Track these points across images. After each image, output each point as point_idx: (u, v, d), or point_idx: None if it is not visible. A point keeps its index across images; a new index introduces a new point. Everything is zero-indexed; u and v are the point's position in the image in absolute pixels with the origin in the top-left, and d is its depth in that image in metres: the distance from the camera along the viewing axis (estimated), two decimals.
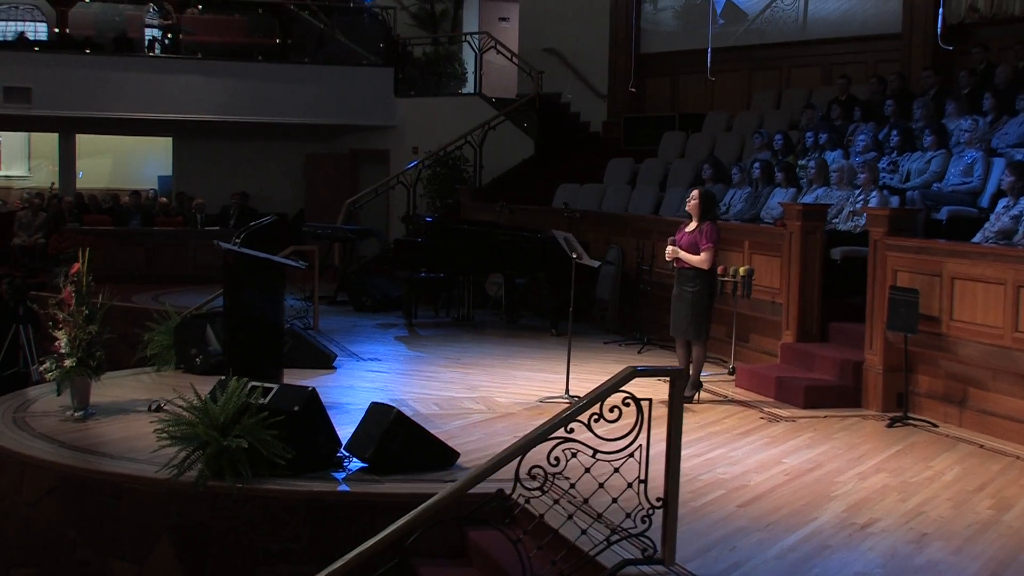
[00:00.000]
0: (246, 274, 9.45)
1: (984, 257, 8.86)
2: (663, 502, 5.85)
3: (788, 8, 18.52)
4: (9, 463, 8.20)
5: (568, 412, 5.78)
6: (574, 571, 5.82)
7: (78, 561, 7.72)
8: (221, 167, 22.71)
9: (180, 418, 7.52)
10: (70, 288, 9.27)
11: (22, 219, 20.22)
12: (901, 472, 7.92)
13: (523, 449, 5.75)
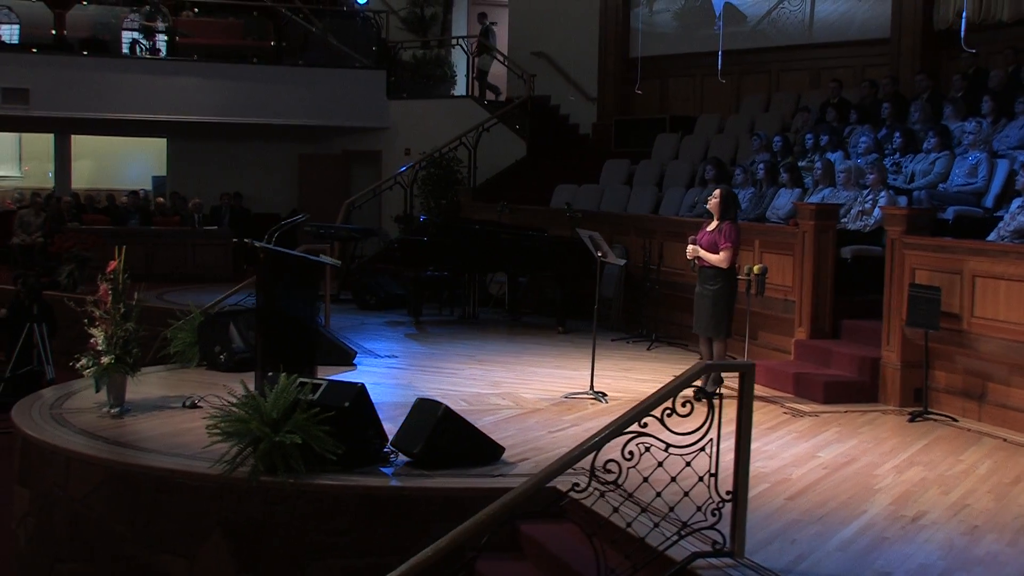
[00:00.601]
0: (281, 272, 9.30)
1: (1007, 255, 8.86)
2: (733, 495, 5.79)
3: (779, 14, 18.51)
4: (54, 459, 8.06)
5: (642, 407, 5.72)
6: (644, 564, 5.75)
7: (127, 556, 7.59)
8: (215, 167, 22.50)
9: (232, 414, 7.40)
10: (106, 286, 9.09)
11: (23, 218, 19.98)
12: (934, 466, 7.90)
13: (599, 444, 5.68)
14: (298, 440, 7.13)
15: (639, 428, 5.72)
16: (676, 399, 5.77)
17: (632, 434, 5.71)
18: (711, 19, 19.30)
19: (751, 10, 18.82)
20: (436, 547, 5.66)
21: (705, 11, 19.56)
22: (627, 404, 9.58)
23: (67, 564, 7.95)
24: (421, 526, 7.20)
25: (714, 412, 5.77)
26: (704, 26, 19.54)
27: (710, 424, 5.76)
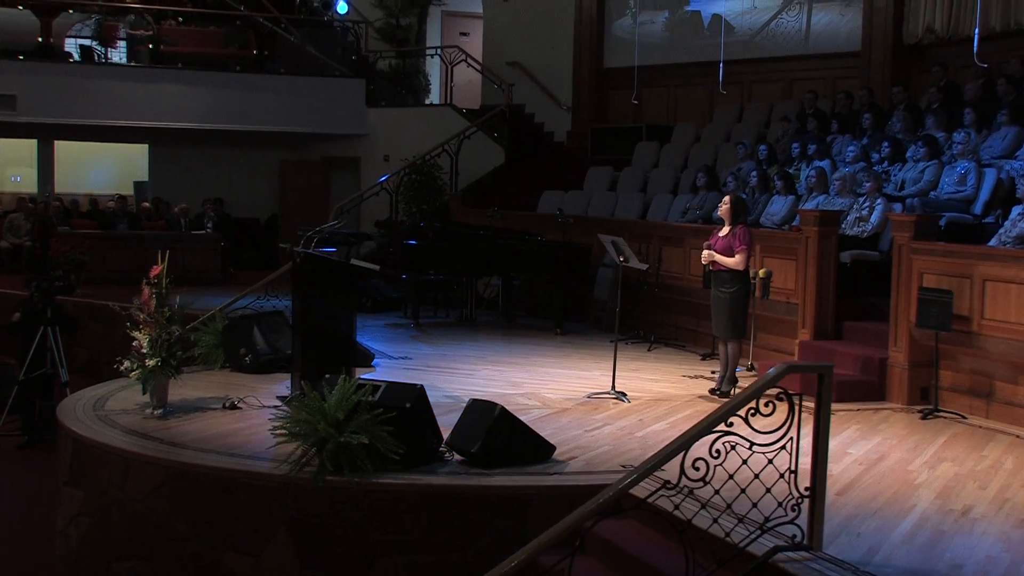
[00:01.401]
0: (320, 277, 9.26)
1: (1019, 260, 9.01)
2: (811, 491, 5.85)
3: (754, 26, 18.69)
4: (110, 459, 7.99)
5: (729, 407, 5.75)
6: (728, 560, 5.79)
7: (191, 554, 7.54)
8: (196, 173, 22.33)
9: (296, 416, 7.36)
10: (148, 290, 9.01)
11: (12, 222, 19.73)
12: (961, 461, 8.01)
13: (687, 443, 5.70)
14: (364, 440, 7.12)
15: (725, 427, 5.75)
16: (760, 400, 5.78)
17: (719, 433, 5.73)
18: (685, 32, 19.43)
19: (725, 23, 18.93)
20: (539, 541, 5.59)
21: (680, 25, 19.68)
22: (648, 404, 9.74)
23: (125, 563, 7.88)
24: (482, 523, 7.22)
25: (795, 412, 5.80)
26: (678, 39, 19.66)
27: (791, 423, 5.79)
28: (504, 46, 22.54)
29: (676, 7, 19.68)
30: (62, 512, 8.66)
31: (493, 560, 7.02)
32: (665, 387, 10.74)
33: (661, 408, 9.72)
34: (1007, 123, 12.46)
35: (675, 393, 10.42)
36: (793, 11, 18.10)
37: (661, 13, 20.07)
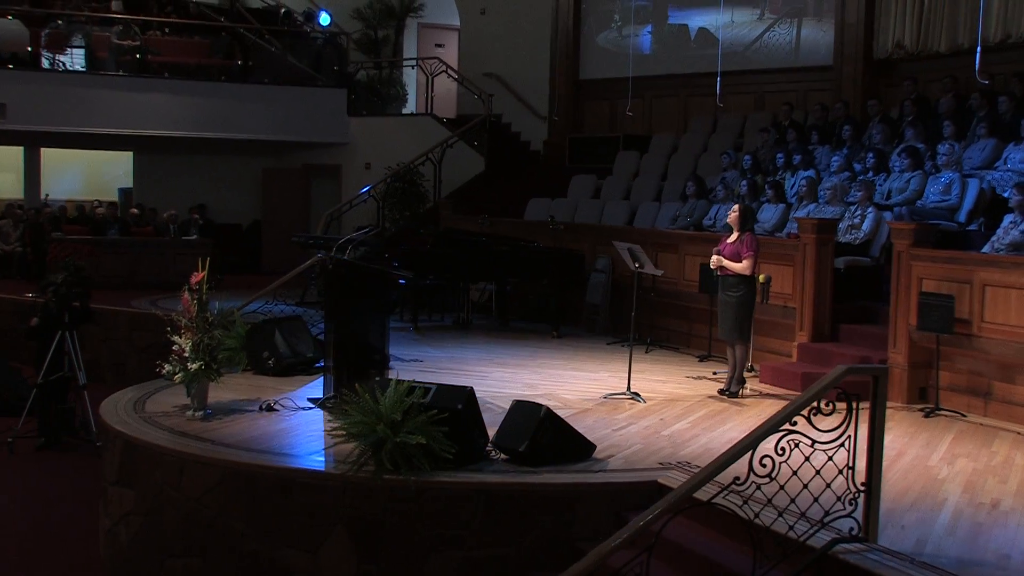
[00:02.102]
0: (352, 283, 9.34)
1: (1019, 267, 9.28)
2: (867, 486, 6.05)
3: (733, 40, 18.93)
4: (164, 460, 8.02)
5: (793, 407, 5.94)
6: (792, 552, 5.95)
7: (248, 551, 7.59)
8: (180, 180, 22.23)
9: (354, 417, 7.45)
10: (188, 296, 9.05)
11: (1, 228, 19.57)
12: (975, 457, 8.26)
13: (755, 441, 5.87)
14: (422, 440, 7.22)
15: (790, 426, 5.92)
16: (821, 400, 5.96)
17: (784, 431, 5.90)
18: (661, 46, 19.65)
19: (709, 36, 19.15)
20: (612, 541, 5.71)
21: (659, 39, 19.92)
22: (663, 404, 9.93)
23: (179, 559, 7.92)
24: (532, 518, 7.35)
25: (853, 412, 5.99)
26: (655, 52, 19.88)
27: (849, 422, 5.98)
28: (480, 57, 22.69)
29: (659, 21, 19.87)
30: (108, 511, 8.65)
31: (544, 554, 7.24)
32: (673, 388, 10.91)
33: (677, 408, 9.88)
34: (985, 135, 12.78)
35: (685, 394, 10.59)
36: (768, 26, 18.33)
37: (643, 27, 20.23)
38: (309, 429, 8.70)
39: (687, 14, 19.50)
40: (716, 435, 8.84)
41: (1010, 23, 14.85)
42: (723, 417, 9.56)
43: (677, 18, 19.61)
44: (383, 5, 23.74)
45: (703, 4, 19.20)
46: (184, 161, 22.37)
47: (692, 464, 7.81)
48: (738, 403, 10.19)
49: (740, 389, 10.45)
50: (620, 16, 20.54)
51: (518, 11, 22.12)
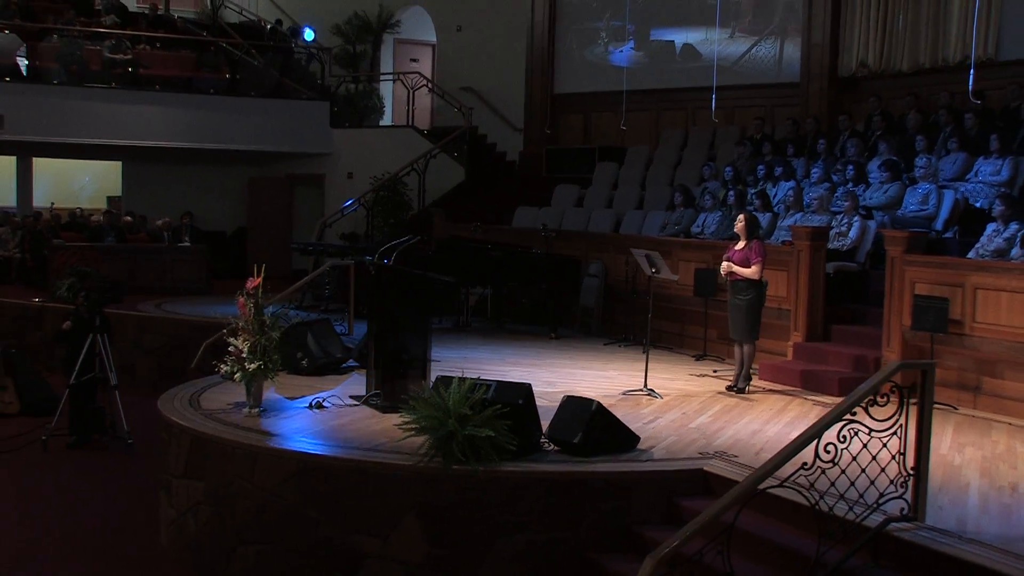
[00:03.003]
0: (395, 288, 9.62)
1: (1010, 271, 9.79)
2: (916, 470, 6.47)
3: (698, 56, 19.41)
4: (236, 454, 8.25)
5: (854, 399, 6.32)
6: (852, 530, 6.34)
7: (321, 537, 7.84)
8: (168, 189, 22.34)
9: (424, 412, 7.74)
10: (243, 300, 9.30)
11: (1, 235, 19.57)
12: (980, 445, 8.72)
13: (820, 430, 6.26)
14: (490, 433, 7.53)
15: (851, 416, 6.32)
16: (877, 392, 6.36)
17: (846, 421, 6.30)
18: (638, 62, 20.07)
19: (692, 52, 19.58)
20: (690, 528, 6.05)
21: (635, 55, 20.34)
22: (678, 399, 10.32)
23: (252, 546, 8.15)
24: (589, 504, 7.69)
25: (906, 403, 6.39)
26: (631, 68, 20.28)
27: (901, 413, 6.39)
28: (457, 72, 23.02)
29: (637, 39, 20.24)
30: (174, 502, 8.85)
31: (601, 537, 7.59)
32: (682, 385, 11.29)
33: (693, 403, 10.27)
34: (956, 149, 13.32)
35: (696, 390, 10.98)
36: (750, 45, 18.76)
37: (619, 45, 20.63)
38: (364, 424, 8.96)
39: (662, 32, 19.93)
40: (740, 427, 9.23)
41: (968, 44, 15.42)
42: (739, 411, 9.96)
43: (654, 36, 20.00)
44: (361, 21, 24.01)
45: (677, 23, 19.68)
46: (172, 170, 22.50)
47: (728, 453, 8.21)
48: (747, 398, 10.60)
49: (747, 385, 10.86)
50: (592, 35, 20.93)
51: (493, 28, 22.48)
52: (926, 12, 15.99)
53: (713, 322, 12.89)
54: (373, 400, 9.65)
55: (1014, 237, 10.52)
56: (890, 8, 16.56)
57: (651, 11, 20.04)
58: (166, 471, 9.10)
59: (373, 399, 9.66)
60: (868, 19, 16.88)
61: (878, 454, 6.44)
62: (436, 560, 7.62)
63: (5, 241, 19.52)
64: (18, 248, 19.49)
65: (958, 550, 6.08)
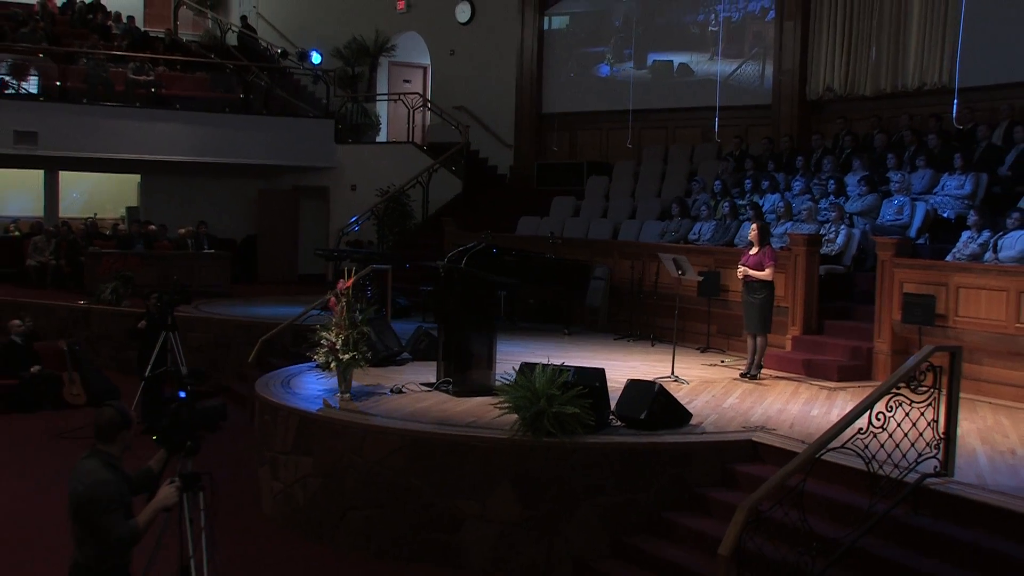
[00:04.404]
0: (465, 288, 10.46)
1: (988, 273, 10.87)
2: (946, 435, 7.46)
3: (678, 79, 20.39)
4: (346, 431, 9.06)
5: (898, 376, 7.30)
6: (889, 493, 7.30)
7: (424, 502, 8.68)
8: (183, 200, 22.93)
9: (516, 393, 8.60)
10: (334, 299, 10.08)
11: (36, 244, 20.11)
12: (971, 420, 9.70)
13: (871, 402, 7.22)
14: (576, 410, 8.43)
15: (896, 390, 7.29)
16: (917, 370, 7.34)
17: (893, 393, 7.28)
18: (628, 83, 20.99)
19: (656, 77, 20.51)
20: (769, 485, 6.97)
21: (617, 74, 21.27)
22: (702, 385, 11.27)
23: (360, 512, 8.97)
24: (657, 471, 8.60)
25: (940, 379, 7.38)
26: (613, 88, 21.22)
27: (936, 387, 7.38)
28: (450, 92, 23.82)
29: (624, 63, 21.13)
30: (280, 476, 9.59)
31: (668, 498, 8.50)
32: (700, 373, 12.23)
33: (717, 388, 11.22)
34: (924, 166, 14.40)
35: (714, 377, 11.94)
36: (714, 69, 19.77)
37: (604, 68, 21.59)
38: (446, 406, 9.80)
39: (647, 57, 20.83)
40: (766, 406, 10.20)
41: (925, 72, 16.54)
42: (759, 394, 10.92)
43: (638, 61, 20.92)
44: (359, 45, 24.71)
45: (659, 49, 20.62)
46: (187, 182, 23.08)
47: (767, 427, 9.17)
48: (760, 383, 11.57)
49: (758, 373, 11.84)
50: (577, 60, 21.87)
51: (483, 52, 23.30)
52: (887, 43, 17.06)
53: (714, 319, 13.86)
54: (444, 386, 10.48)
55: (987, 243, 11.59)
56: (854, 39, 17.63)
57: (633, 38, 20.98)
58: (270, 449, 9.85)
59: (444, 385, 10.50)
60: (833, 49, 17.94)
61: (917, 422, 7.40)
62: (528, 520, 8.49)
63: (41, 249, 20.02)
64: (53, 255, 20.00)
65: (985, 498, 7.09)
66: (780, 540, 6.93)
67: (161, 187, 23.23)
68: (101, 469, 5.33)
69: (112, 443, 5.44)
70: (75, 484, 5.32)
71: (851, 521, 7.30)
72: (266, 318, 16.39)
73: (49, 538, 9.11)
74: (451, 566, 8.59)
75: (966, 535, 6.92)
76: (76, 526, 5.35)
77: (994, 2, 15.19)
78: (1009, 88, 15.09)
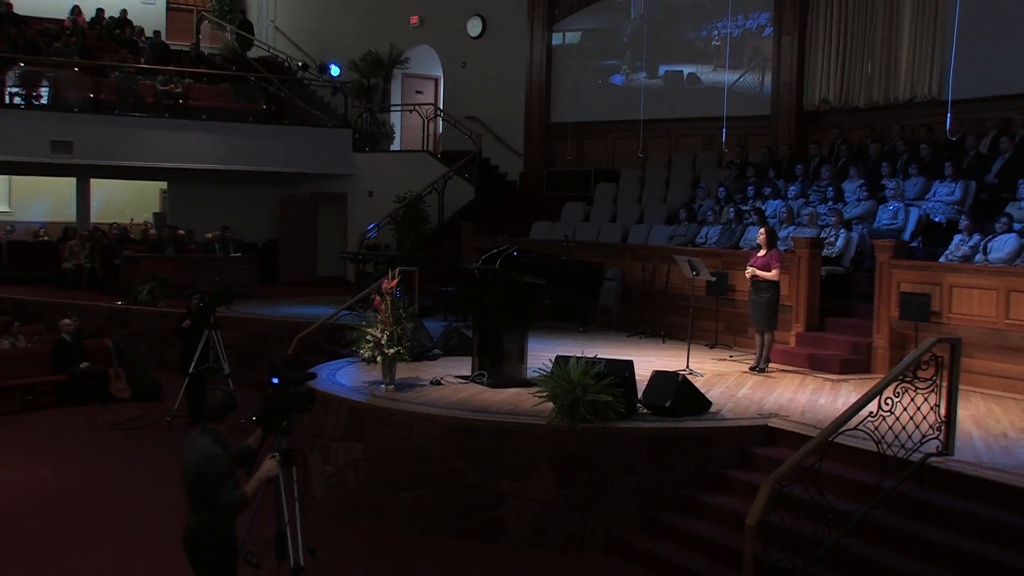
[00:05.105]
0: (499, 288, 11.07)
1: (980, 273, 11.51)
2: (948, 418, 8.10)
3: (680, 91, 21.01)
4: (395, 419, 9.67)
5: (905, 364, 7.93)
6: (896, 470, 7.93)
7: (469, 483, 9.28)
8: (208, 206, 23.53)
9: (553, 383, 9.21)
10: (379, 299, 10.68)
11: (72, 248, 20.69)
12: (965, 408, 10.20)
13: (881, 389, 7.85)
14: (608, 398, 9.05)
15: (903, 378, 7.93)
16: (921, 360, 7.97)
17: (900, 380, 7.91)
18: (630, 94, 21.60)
19: (660, 88, 21.07)
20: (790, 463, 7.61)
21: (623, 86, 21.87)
22: (716, 377, 11.85)
23: (410, 492, 9.57)
24: (685, 453, 9.22)
25: (942, 368, 8.01)
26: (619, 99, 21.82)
27: (938, 374, 8.01)
28: (462, 102, 24.43)
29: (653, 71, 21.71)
30: (331, 461, 10.18)
31: (694, 479, 9.10)
32: (711, 366, 12.84)
33: (729, 380, 11.84)
34: (916, 174, 15.05)
35: (726, 370, 12.55)
36: (716, 81, 20.38)
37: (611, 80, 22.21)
38: (483, 396, 10.42)
39: (657, 67, 21.43)
40: (777, 396, 10.83)
41: (916, 85, 17.18)
42: (769, 385, 11.55)
43: (642, 73, 21.52)
44: (374, 58, 25.30)
45: (664, 62, 21.25)
46: (211, 189, 23.69)
47: (780, 413, 9.80)
48: (769, 376, 12.20)
49: (767, 366, 12.47)
50: (584, 72, 22.49)
51: (494, 65, 23.92)
52: (879, 57, 17.71)
53: (722, 317, 14.48)
54: (479, 379, 11.09)
55: (977, 245, 12.23)
56: (848, 54, 18.28)
57: (639, 51, 21.60)
58: (321, 436, 10.45)
59: (479, 378, 11.11)
60: (829, 63, 18.59)
61: (920, 407, 8.03)
62: (565, 499, 9.10)
63: (76, 252, 20.59)
64: (88, 259, 20.56)
65: (982, 474, 7.73)
66: (798, 513, 7.54)
67: (186, 193, 23.84)
68: (212, 444, 5.90)
69: (221, 422, 6.03)
70: (190, 458, 5.90)
71: (862, 496, 7.93)
72: (294, 317, 17.02)
73: (105, 517, 9.81)
74: (494, 541, 9.19)
75: (965, 507, 7.55)
76: (190, 495, 5.92)
77: (980, 20, 15.82)
78: (996, 100, 15.73)
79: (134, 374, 15.35)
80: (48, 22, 24.44)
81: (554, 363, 9.65)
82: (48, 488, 10.70)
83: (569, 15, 22.66)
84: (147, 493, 10.58)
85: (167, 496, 10.46)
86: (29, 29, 23.07)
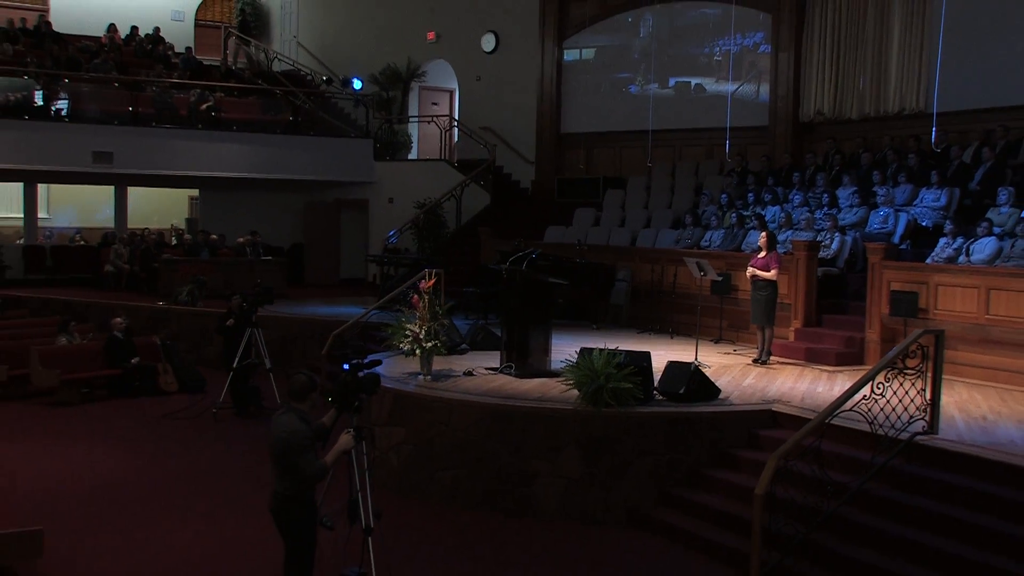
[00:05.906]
0: (525, 288, 11.83)
1: (963, 273, 12.29)
2: (933, 401, 8.87)
3: (683, 102, 21.78)
4: (435, 406, 10.42)
5: (896, 352, 8.71)
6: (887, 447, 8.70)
7: (503, 463, 10.04)
8: (237, 211, 24.31)
9: (578, 372, 9.98)
10: (416, 297, 11.44)
11: (116, 251, 21.43)
12: (949, 394, 10.99)
13: (873, 375, 8.62)
14: (629, 386, 9.82)
15: (892, 365, 8.70)
16: (908, 348, 8.74)
17: (890, 367, 8.69)
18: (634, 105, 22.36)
19: (666, 100, 21.80)
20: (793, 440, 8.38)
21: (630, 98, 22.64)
22: (722, 369, 12.58)
23: (448, 472, 10.33)
24: (697, 434, 9.96)
25: (927, 356, 8.79)
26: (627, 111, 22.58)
27: (924, 362, 8.79)
28: (476, 113, 25.21)
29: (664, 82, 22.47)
30: (376, 444, 10.86)
31: (705, 457, 9.82)
32: (717, 359, 13.59)
33: (735, 371, 12.61)
34: (905, 181, 15.81)
35: (731, 363, 13.31)
36: (717, 94, 21.17)
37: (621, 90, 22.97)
38: (513, 385, 11.16)
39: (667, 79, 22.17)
40: (778, 385, 11.59)
41: (904, 99, 17.94)
42: (771, 376, 12.31)
43: (646, 86, 22.29)
44: (392, 72, 26.10)
45: (669, 75, 22.02)
46: (240, 196, 24.46)
47: (782, 400, 10.57)
48: (771, 368, 12.95)
49: (768, 359, 13.23)
50: (592, 86, 23.26)
51: (507, 78, 24.71)
52: (870, 72, 18.47)
53: (726, 314, 15.25)
54: (507, 370, 11.86)
55: (961, 248, 13.00)
56: (840, 68, 19.05)
57: (645, 65, 22.37)
58: (365, 422, 11.14)
59: (507, 369, 11.87)
60: (823, 77, 19.35)
61: (908, 391, 8.81)
62: (590, 476, 9.86)
63: (120, 256, 21.35)
64: (129, 262, 21.32)
65: (963, 450, 8.50)
66: (800, 486, 8.30)
67: (217, 200, 24.61)
68: (296, 421, 6.66)
69: (303, 401, 6.78)
70: (277, 432, 6.65)
71: (857, 470, 8.70)
72: (324, 316, 17.79)
73: (160, 499, 10.49)
74: (525, 515, 9.95)
75: (949, 478, 8.33)
76: (277, 466, 6.68)
77: (963, 38, 16.59)
78: (978, 113, 16.50)
79: (180, 369, 16.10)
80: (86, 39, 25.23)
81: (579, 354, 10.38)
82: (119, 472, 11.45)
83: (578, 32, 23.41)
84: (209, 475, 11.35)
85: (231, 476, 11.31)
86: (69, 46, 23.86)
